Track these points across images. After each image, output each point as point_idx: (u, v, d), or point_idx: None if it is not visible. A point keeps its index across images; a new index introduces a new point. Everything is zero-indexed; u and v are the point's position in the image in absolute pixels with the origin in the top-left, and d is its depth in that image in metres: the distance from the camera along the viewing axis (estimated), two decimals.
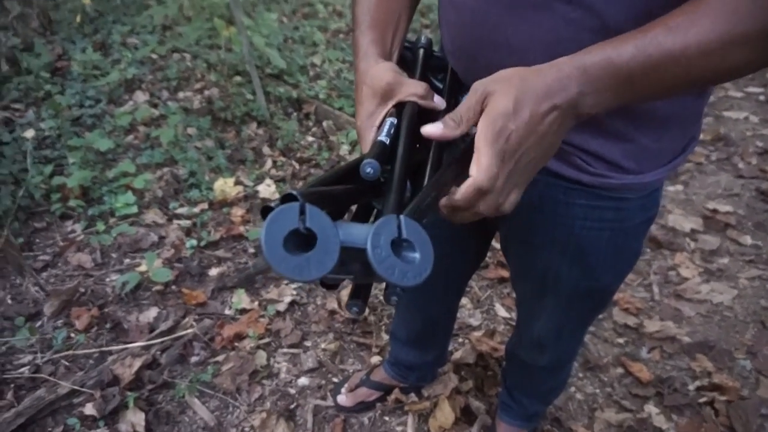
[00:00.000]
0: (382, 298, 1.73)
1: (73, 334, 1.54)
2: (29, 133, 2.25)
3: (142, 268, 1.73)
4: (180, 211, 2.04)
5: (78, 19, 3.23)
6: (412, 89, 0.57)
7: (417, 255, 0.34)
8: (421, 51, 0.70)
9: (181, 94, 2.75)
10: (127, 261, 1.81)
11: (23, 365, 1.44)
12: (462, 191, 0.46)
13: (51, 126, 2.30)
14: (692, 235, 2.11)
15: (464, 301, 1.77)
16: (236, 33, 2.52)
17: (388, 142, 0.49)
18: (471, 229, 0.82)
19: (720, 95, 3.25)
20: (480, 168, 0.45)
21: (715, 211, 2.21)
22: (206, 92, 2.76)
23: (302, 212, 0.32)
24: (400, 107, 0.57)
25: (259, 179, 2.28)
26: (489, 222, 0.80)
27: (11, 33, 2.64)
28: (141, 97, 2.67)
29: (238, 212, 2.05)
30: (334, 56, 3.27)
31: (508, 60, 0.57)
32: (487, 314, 1.76)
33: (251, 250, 1.91)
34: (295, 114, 2.77)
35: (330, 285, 0.43)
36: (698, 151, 2.65)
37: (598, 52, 0.48)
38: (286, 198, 0.34)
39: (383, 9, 0.68)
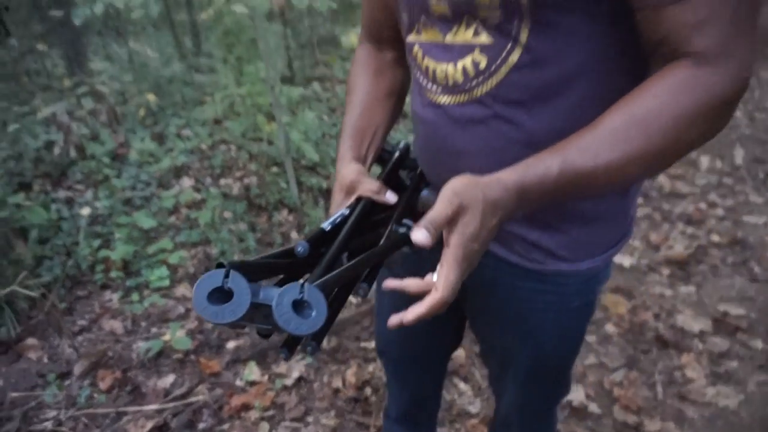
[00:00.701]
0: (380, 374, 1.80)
1: (96, 394, 1.68)
2: (85, 211, 2.52)
3: (167, 336, 1.88)
4: None
5: (142, 112, 3.65)
6: (369, 187, 0.73)
7: (313, 312, 0.47)
8: (397, 153, 0.87)
9: (222, 181, 3.03)
10: (154, 330, 1.97)
11: (48, 419, 1.57)
12: (429, 305, 0.57)
13: (105, 205, 2.57)
14: (701, 336, 2.12)
15: (464, 387, 1.83)
16: (276, 129, 2.82)
17: (328, 229, 0.63)
18: (443, 315, 0.95)
19: (740, 200, 3.31)
20: (447, 284, 0.57)
21: (726, 313, 2.22)
22: (245, 180, 3.03)
23: (227, 275, 0.46)
24: (359, 200, 0.72)
25: None
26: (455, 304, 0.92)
27: (83, 124, 3.02)
28: (187, 182, 2.96)
29: None
30: None
31: (458, 163, 0.73)
32: (486, 402, 1.80)
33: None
34: (323, 202, 2.99)
35: (264, 334, 0.55)
36: (713, 254, 2.69)
37: (533, 170, 0.59)
38: (219, 265, 0.48)
39: (364, 121, 0.86)
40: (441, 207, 0.58)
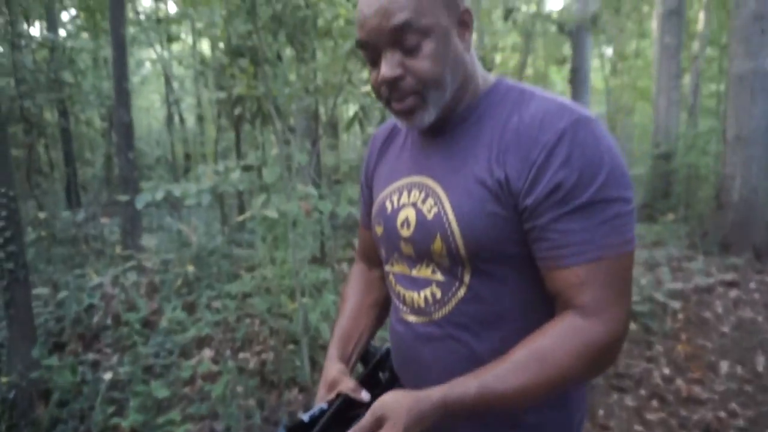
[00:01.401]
0: None
1: None
2: (107, 376, 2.66)
3: None
4: None
5: (179, 282, 3.96)
6: (347, 385, 0.88)
7: None
8: (378, 355, 1.03)
9: (241, 354, 3.17)
10: None
11: None
12: None
13: (126, 371, 2.72)
14: None
15: None
16: (297, 308, 3.02)
17: (306, 420, 0.77)
18: None
19: (762, 410, 3.19)
20: None
21: None
22: (263, 355, 3.16)
23: None
24: (338, 396, 0.87)
25: None
26: None
27: (122, 296, 3.31)
28: (207, 353, 3.11)
29: None
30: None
31: (420, 371, 0.90)
32: None
33: None
34: None
35: None
36: None
37: (456, 389, 0.75)
38: None
39: (351, 326, 1.05)
40: (367, 416, 0.74)
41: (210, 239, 5.18)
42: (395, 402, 0.73)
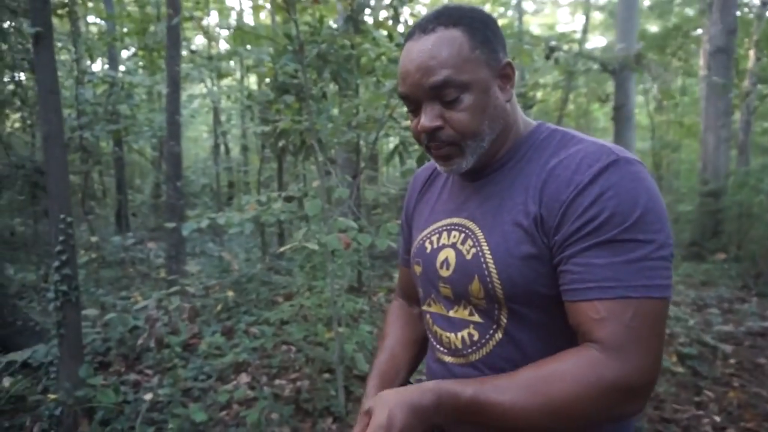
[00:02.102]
0: None
1: None
2: (148, 396, 2.72)
3: None
4: None
5: (219, 307, 4.04)
6: None
7: None
8: None
9: (277, 381, 3.19)
10: None
11: None
12: None
13: (166, 393, 2.77)
14: None
15: None
16: (333, 338, 3.03)
17: None
18: None
19: None
20: None
21: None
22: (298, 383, 3.17)
23: None
24: None
25: None
26: None
27: (166, 319, 3.40)
28: (244, 378, 3.14)
29: None
30: None
31: None
32: None
33: None
34: None
35: None
36: None
37: (451, 386, 0.75)
38: None
39: (390, 365, 1.05)
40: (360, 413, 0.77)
41: (250, 266, 5.29)
42: (386, 392, 0.76)
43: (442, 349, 0.93)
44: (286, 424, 2.72)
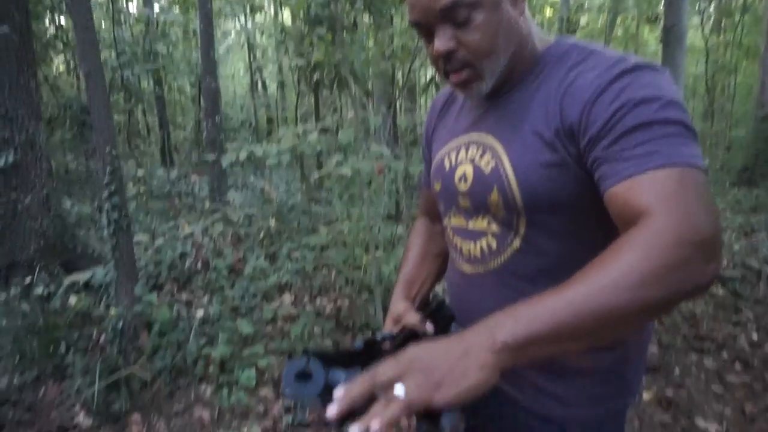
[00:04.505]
0: None
1: None
2: (199, 313, 2.92)
3: (245, 430, 2.08)
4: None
5: (262, 235, 4.21)
6: (412, 319, 0.94)
7: None
8: (435, 303, 1.09)
9: (318, 301, 3.35)
10: (235, 423, 2.18)
11: None
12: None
13: (216, 310, 2.97)
14: None
15: None
16: (371, 261, 3.14)
17: (379, 338, 0.82)
18: None
19: None
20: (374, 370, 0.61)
21: None
22: (338, 302, 3.33)
23: (308, 362, 0.65)
24: (404, 328, 0.93)
25: None
26: None
27: (211, 242, 3.58)
28: (287, 298, 3.31)
29: None
30: None
31: (472, 317, 0.84)
32: None
33: None
34: None
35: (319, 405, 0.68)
36: None
37: (522, 323, 0.61)
38: (304, 352, 0.67)
39: (415, 273, 1.10)
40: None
41: (290, 196, 5.42)
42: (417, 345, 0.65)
43: (461, 259, 0.97)
44: (328, 337, 2.89)
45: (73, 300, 2.98)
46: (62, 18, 8.07)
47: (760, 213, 6.02)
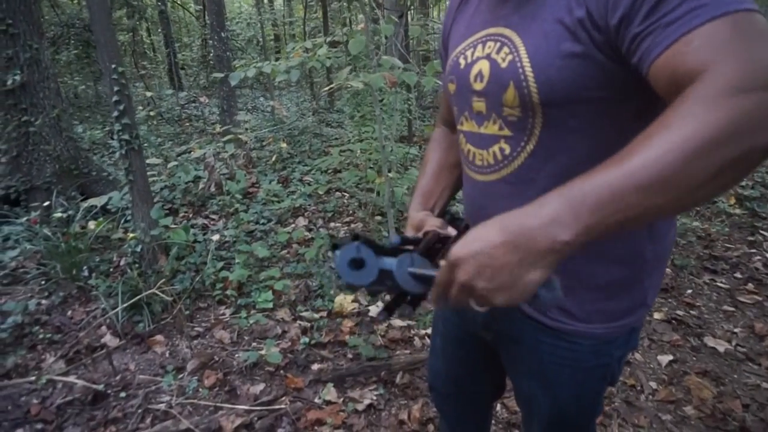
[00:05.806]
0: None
1: (201, 389, 1.99)
2: (215, 237, 2.96)
3: (263, 351, 2.17)
4: (304, 314, 2.50)
5: (273, 158, 4.18)
6: (435, 223, 0.93)
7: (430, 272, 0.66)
8: (448, 216, 1.07)
9: (332, 224, 3.37)
10: (254, 344, 2.27)
11: (162, 402, 1.90)
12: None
13: (231, 234, 3.00)
14: None
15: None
16: (383, 183, 3.12)
17: (410, 236, 0.80)
18: (483, 362, 1.14)
19: None
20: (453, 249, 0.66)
21: None
22: (352, 225, 3.35)
23: (359, 248, 0.64)
24: (427, 233, 0.92)
25: (373, 301, 2.68)
26: (493, 353, 1.07)
27: (224, 166, 3.56)
28: (301, 222, 3.34)
29: (348, 324, 2.44)
30: None
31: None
32: None
33: (350, 356, 2.25)
34: None
35: (373, 293, 0.71)
36: None
37: (583, 218, 0.57)
38: (354, 237, 0.66)
39: (433, 184, 1.08)
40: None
41: (301, 119, 5.33)
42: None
43: (474, 167, 0.93)
44: None
45: (92, 224, 3.03)
46: None
47: None
